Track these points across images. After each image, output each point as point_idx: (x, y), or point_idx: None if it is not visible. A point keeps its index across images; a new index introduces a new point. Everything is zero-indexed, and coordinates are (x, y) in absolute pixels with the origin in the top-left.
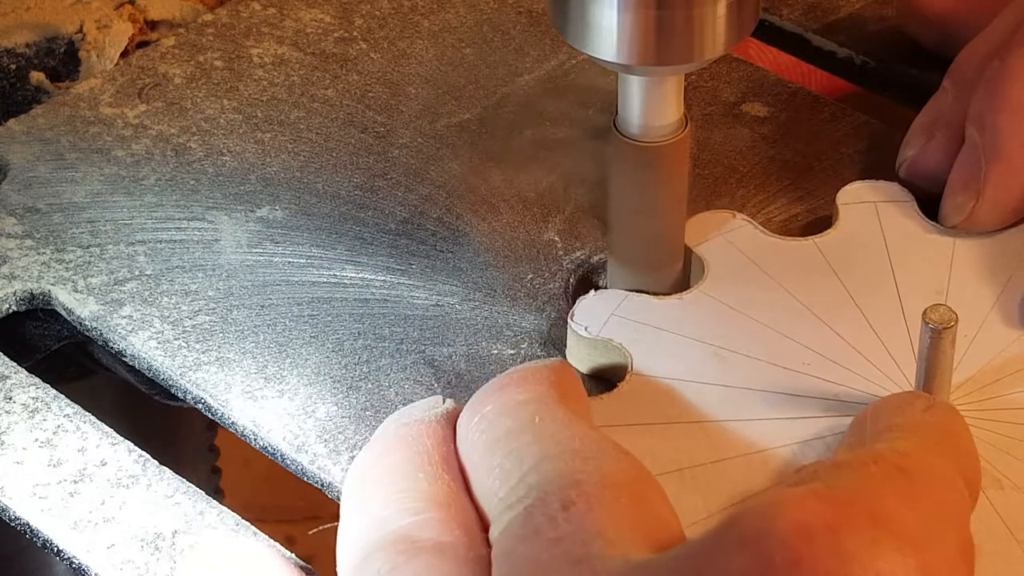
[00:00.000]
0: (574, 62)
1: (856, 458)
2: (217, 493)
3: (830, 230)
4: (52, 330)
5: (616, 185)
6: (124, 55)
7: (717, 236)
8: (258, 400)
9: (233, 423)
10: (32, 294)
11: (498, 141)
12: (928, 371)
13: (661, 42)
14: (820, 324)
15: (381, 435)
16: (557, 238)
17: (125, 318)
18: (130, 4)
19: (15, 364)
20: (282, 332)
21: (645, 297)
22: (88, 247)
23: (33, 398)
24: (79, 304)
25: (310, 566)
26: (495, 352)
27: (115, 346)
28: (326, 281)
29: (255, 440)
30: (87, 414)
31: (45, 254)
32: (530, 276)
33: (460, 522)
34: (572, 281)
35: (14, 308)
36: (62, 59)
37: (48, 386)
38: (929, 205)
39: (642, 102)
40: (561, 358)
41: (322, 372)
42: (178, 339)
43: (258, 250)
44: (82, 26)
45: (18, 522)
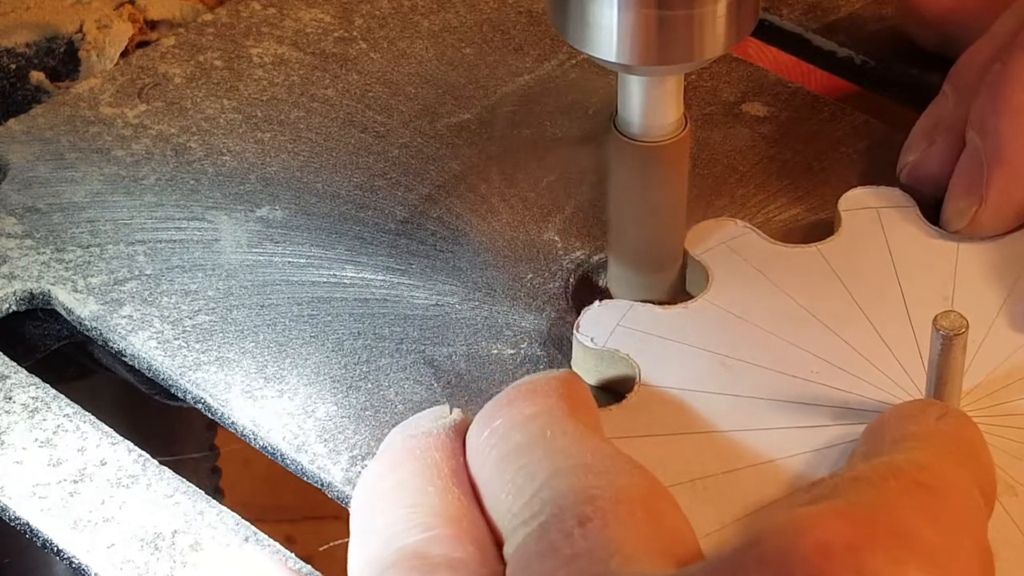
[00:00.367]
0: (574, 62)
1: (875, 472)
2: (217, 493)
3: (833, 236)
4: (52, 330)
5: (616, 185)
6: (124, 55)
7: (719, 244)
8: (258, 400)
9: (233, 423)
10: (32, 294)
11: (498, 141)
12: (939, 378)
13: (661, 42)
14: (827, 331)
15: (388, 448)
16: (557, 238)
17: (125, 318)
18: (130, 4)
19: (15, 364)
20: (282, 332)
21: (650, 307)
22: (88, 247)
23: (33, 398)
24: (79, 304)
25: (310, 566)
26: (495, 352)
27: (115, 346)
28: (326, 281)
29: (255, 440)
30: (87, 414)
31: (45, 254)
32: (530, 276)
33: (472, 538)
34: (572, 281)
35: (14, 308)
36: (62, 59)
37: (48, 386)
38: (930, 210)
39: (642, 102)
40: (569, 369)
41: (322, 372)
42: (178, 339)
43: (258, 250)
44: (82, 26)
45: (18, 522)
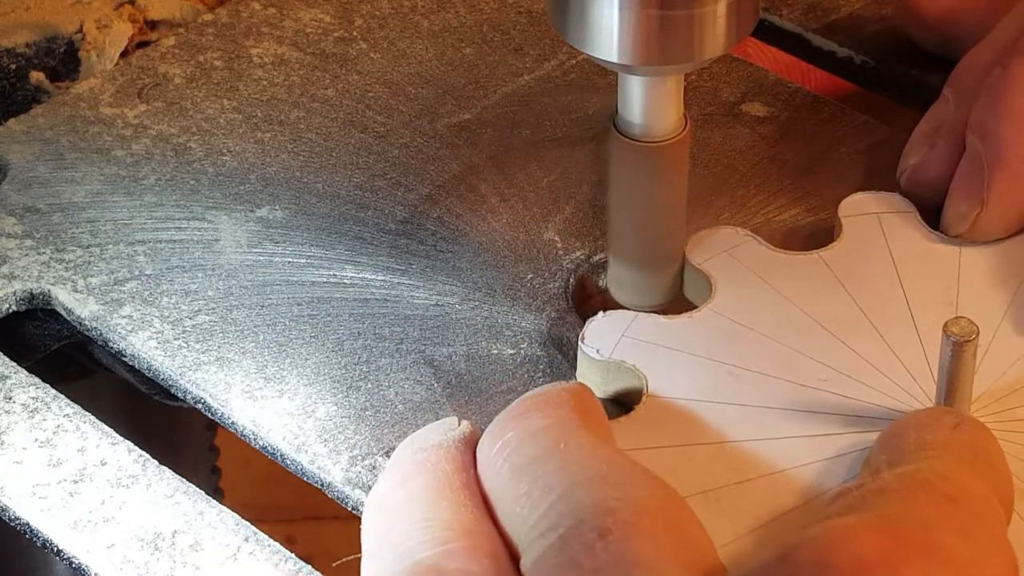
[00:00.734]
0: (574, 62)
1: (902, 484)
2: (217, 493)
3: (835, 243)
4: (52, 330)
5: (616, 185)
6: (124, 55)
7: (721, 252)
8: (258, 400)
9: (233, 423)
10: (32, 294)
11: (498, 141)
12: (949, 384)
13: (661, 42)
14: (833, 339)
15: (398, 462)
16: (557, 238)
17: (125, 318)
18: (130, 4)
19: (15, 364)
20: (282, 332)
21: (655, 317)
22: (88, 247)
23: (33, 398)
24: (79, 304)
25: (310, 566)
26: (495, 352)
27: (115, 346)
28: (326, 281)
29: (255, 440)
30: (87, 414)
31: (45, 254)
32: (530, 276)
33: (487, 551)
34: (572, 281)
35: (14, 308)
36: (62, 59)
37: (48, 386)
38: (931, 215)
39: (642, 102)
40: (579, 381)
41: (322, 372)
42: (178, 339)
43: (258, 250)
44: (82, 26)
45: (18, 522)
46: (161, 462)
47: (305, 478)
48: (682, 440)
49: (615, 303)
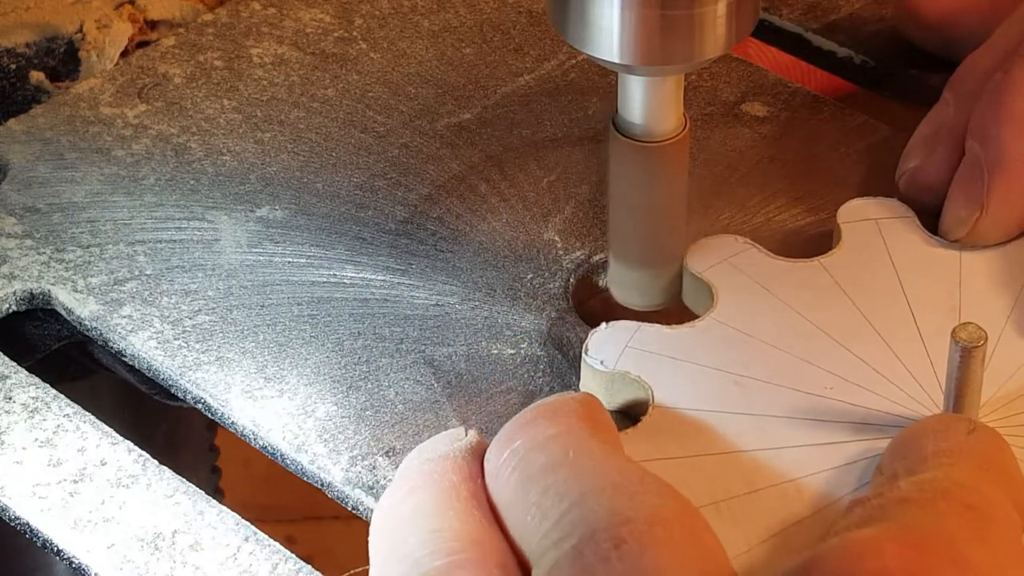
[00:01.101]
0: (574, 62)
1: (922, 494)
2: (217, 493)
3: (834, 250)
4: (52, 330)
5: (616, 185)
6: (124, 55)
7: (721, 261)
8: (258, 400)
9: (233, 423)
10: (32, 294)
11: (498, 141)
12: (958, 391)
13: (662, 42)
14: (837, 346)
15: (405, 473)
16: (557, 238)
17: (125, 318)
18: (130, 4)
19: (15, 364)
20: (282, 332)
21: (657, 327)
22: (88, 247)
23: (33, 398)
24: (79, 304)
25: (310, 566)
26: (495, 352)
27: (115, 346)
28: (326, 281)
29: (255, 440)
30: (87, 414)
31: (45, 254)
32: (530, 276)
33: (497, 561)
34: (572, 281)
35: (14, 308)
36: (62, 59)
37: (48, 386)
38: (930, 219)
39: (642, 102)
40: (586, 391)
41: (322, 372)
42: (178, 339)
43: (258, 250)
44: (82, 26)
45: (18, 522)
46: (161, 462)
47: (305, 478)
48: (690, 451)
49: (615, 303)
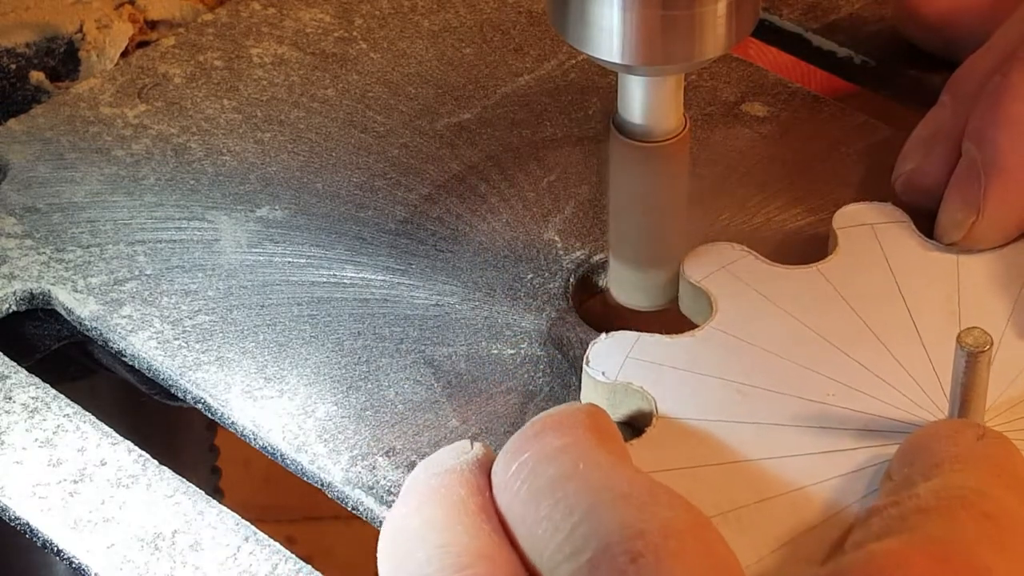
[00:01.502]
0: (574, 62)
1: (941, 502)
2: (217, 493)
3: (831, 256)
4: (52, 330)
5: (616, 185)
6: (124, 55)
7: (719, 269)
8: (258, 400)
9: (233, 423)
10: (32, 294)
11: (498, 141)
12: (963, 395)
13: (662, 42)
14: (838, 353)
15: (412, 488)
16: (557, 238)
17: (125, 318)
18: (130, 4)
19: (15, 364)
20: (282, 332)
21: (658, 337)
22: (88, 247)
23: (33, 398)
24: (79, 304)
25: (310, 566)
26: (495, 352)
27: (115, 346)
28: (326, 281)
29: (255, 440)
30: (87, 414)
31: (45, 254)
32: (530, 276)
33: (507, 574)
34: (572, 281)
35: (14, 308)
36: (62, 59)
37: (48, 386)
38: (925, 221)
39: (642, 102)
40: (592, 403)
41: (322, 372)
42: (178, 339)
43: (258, 250)
44: (82, 26)
45: (18, 522)
46: (161, 462)
47: (305, 478)
48: (697, 461)
49: (615, 303)
